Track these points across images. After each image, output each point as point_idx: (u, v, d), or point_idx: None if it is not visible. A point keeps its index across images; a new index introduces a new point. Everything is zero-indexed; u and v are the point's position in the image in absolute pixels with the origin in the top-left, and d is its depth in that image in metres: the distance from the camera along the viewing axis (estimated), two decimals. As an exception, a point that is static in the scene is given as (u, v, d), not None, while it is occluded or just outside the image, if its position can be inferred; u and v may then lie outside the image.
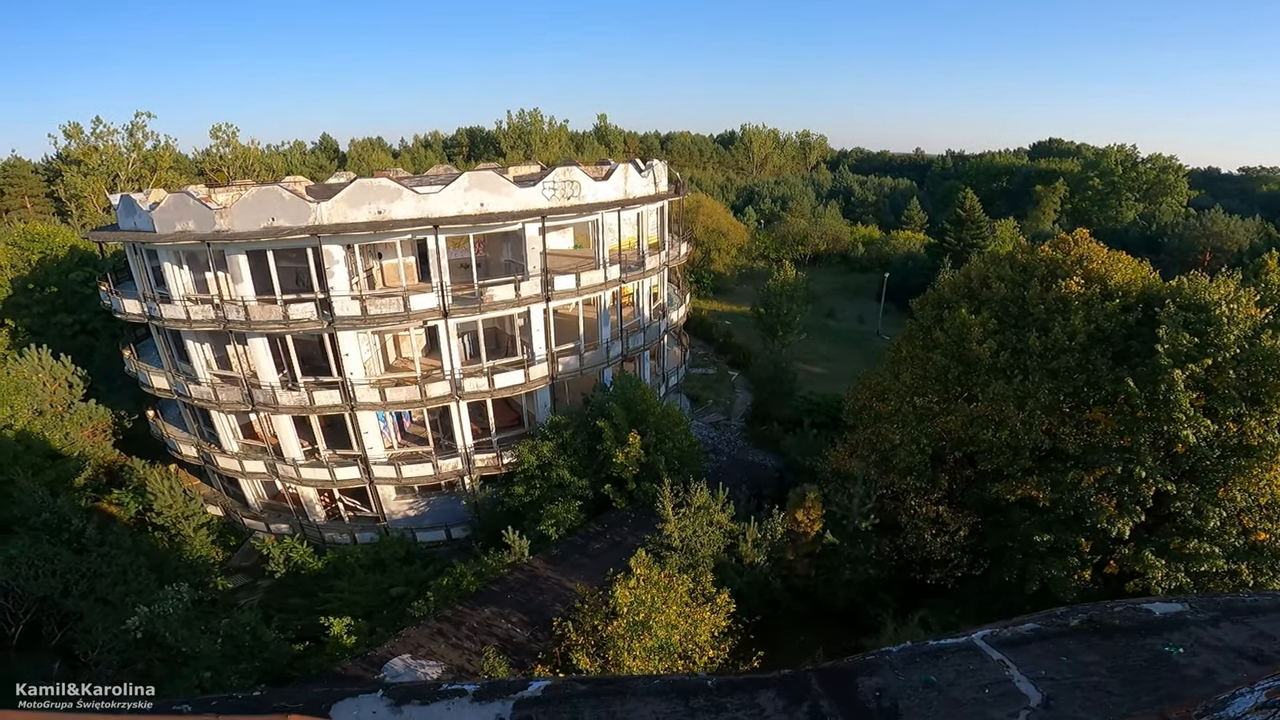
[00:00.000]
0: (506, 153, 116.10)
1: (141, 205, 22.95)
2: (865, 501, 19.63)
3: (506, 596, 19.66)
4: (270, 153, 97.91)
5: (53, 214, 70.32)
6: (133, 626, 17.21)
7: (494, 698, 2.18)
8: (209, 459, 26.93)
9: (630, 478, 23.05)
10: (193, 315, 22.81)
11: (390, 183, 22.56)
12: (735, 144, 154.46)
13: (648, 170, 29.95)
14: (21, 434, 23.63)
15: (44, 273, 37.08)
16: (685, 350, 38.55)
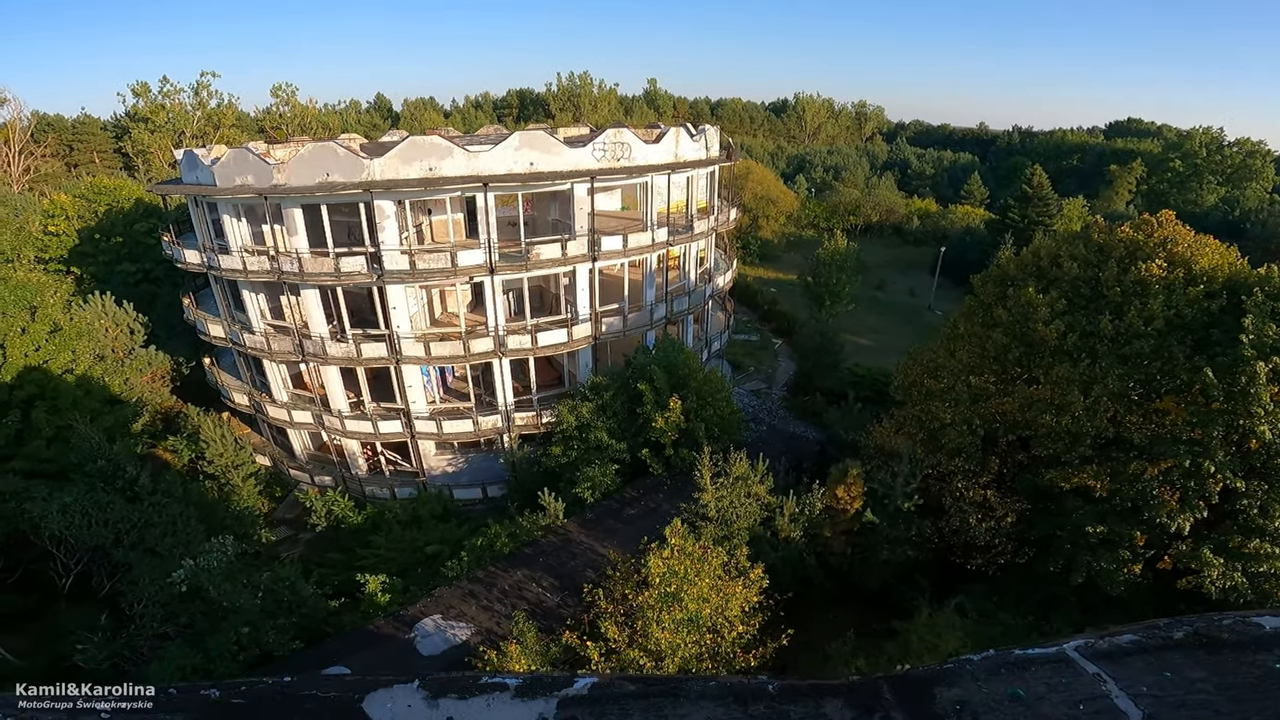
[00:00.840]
0: (555, 115, 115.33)
1: (204, 160, 23.45)
2: (909, 481, 19.08)
3: (539, 560, 19.75)
4: (327, 111, 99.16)
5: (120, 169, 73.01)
6: (178, 579, 17.48)
7: (536, 694, 1.99)
8: (260, 408, 27.84)
9: (669, 443, 22.83)
10: (249, 266, 23.37)
11: (441, 140, 22.50)
12: (787, 112, 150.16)
13: (699, 134, 29.33)
14: (82, 379, 24.11)
15: (110, 223, 38.50)
16: (729, 316, 38.03)
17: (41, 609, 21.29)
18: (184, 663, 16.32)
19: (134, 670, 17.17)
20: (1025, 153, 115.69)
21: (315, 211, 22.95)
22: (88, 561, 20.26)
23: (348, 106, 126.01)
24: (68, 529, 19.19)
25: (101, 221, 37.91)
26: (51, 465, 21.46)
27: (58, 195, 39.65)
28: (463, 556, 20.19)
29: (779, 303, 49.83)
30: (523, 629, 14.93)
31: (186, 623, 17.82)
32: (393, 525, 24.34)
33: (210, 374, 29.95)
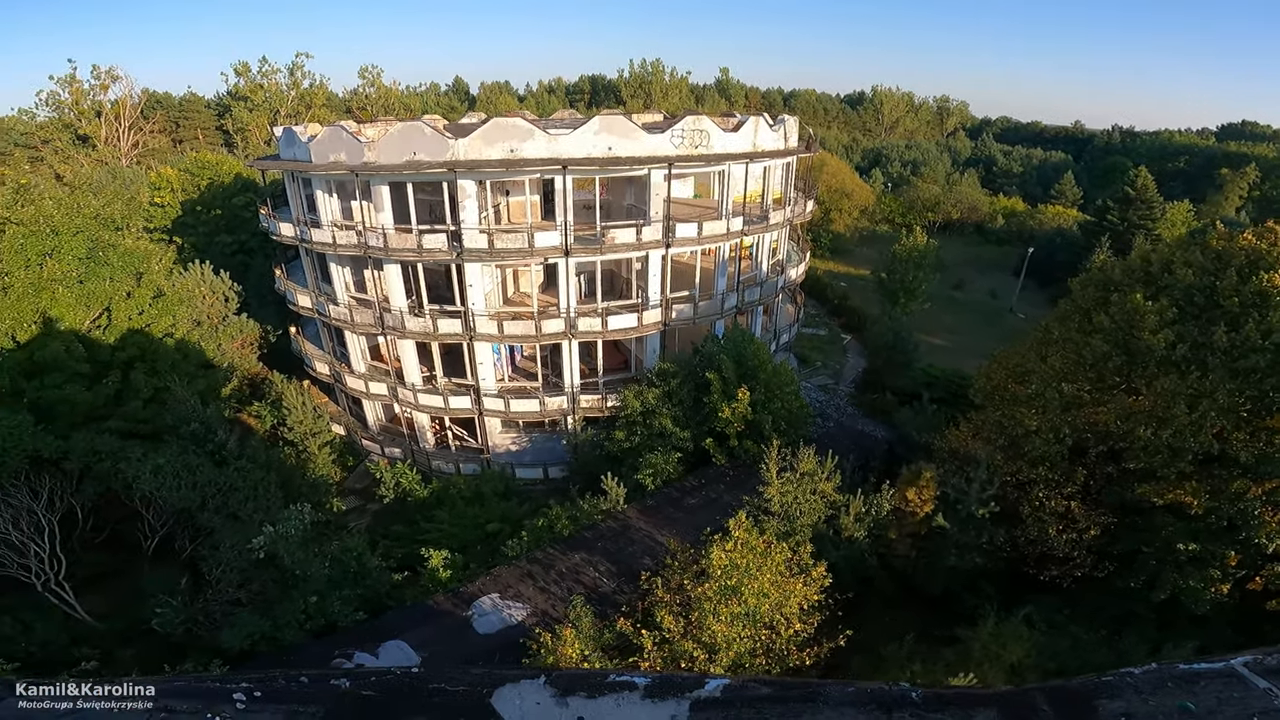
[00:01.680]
0: (626, 101, 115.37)
1: (301, 137, 24.46)
2: (986, 488, 18.31)
3: (597, 544, 19.79)
4: (409, 93, 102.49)
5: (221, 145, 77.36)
6: (257, 545, 17.72)
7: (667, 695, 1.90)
8: (339, 377, 29.00)
9: (734, 434, 22.61)
10: (338, 240, 24.32)
11: (524, 122, 22.77)
12: (864, 105, 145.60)
13: (778, 125, 28.80)
14: (180, 343, 25.05)
15: (210, 197, 40.81)
16: (799, 309, 37.39)
17: (124, 569, 21.82)
18: (254, 629, 16.74)
19: (207, 635, 17.65)
20: (1126, 153, 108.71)
21: (401, 189, 23.67)
22: (173, 524, 20.64)
23: (427, 89, 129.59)
24: (158, 490, 19.47)
25: (203, 195, 40.23)
26: (146, 426, 22.27)
27: (164, 169, 42.29)
28: (523, 536, 20.42)
29: (850, 298, 48.88)
30: (579, 613, 14.96)
31: (259, 589, 18.26)
32: (456, 501, 24.82)
33: (295, 343, 31.41)
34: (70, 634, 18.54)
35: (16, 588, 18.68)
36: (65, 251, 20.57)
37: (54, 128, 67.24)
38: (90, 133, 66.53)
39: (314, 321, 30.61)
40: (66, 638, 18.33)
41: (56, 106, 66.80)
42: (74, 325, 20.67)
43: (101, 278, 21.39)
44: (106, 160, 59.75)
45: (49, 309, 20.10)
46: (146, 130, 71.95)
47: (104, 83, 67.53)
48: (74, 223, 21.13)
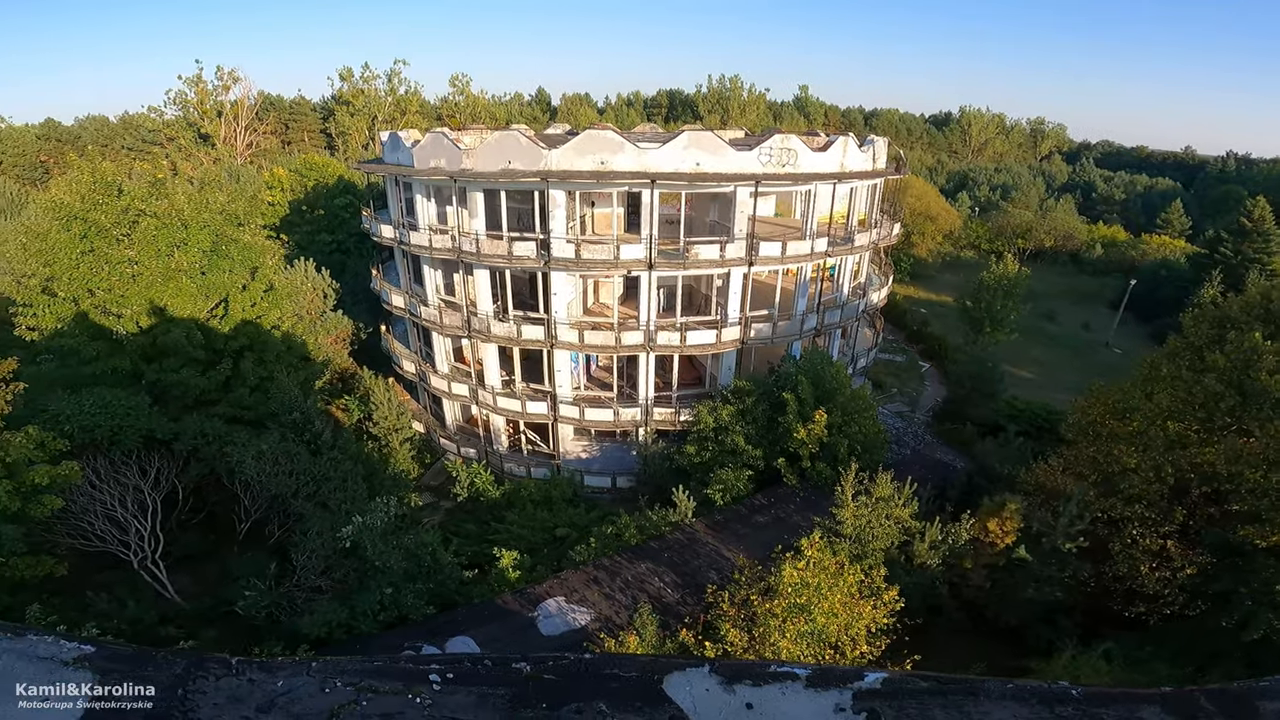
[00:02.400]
0: (704, 116, 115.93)
1: (405, 142, 25.76)
2: (1076, 523, 17.86)
3: (664, 555, 19.95)
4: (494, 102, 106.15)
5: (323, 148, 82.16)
6: (345, 535, 18.10)
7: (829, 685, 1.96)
8: (424, 376, 30.13)
9: (807, 455, 22.48)
10: (434, 243, 25.36)
11: (614, 135, 23.24)
12: (950, 126, 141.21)
13: (867, 145, 28.46)
14: (286, 335, 25.83)
15: (315, 197, 43.43)
16: (878, 334, 36.50)
17: (213, 552, 22.55)
18: (332, 617, 17.20)
19: (287, 621, 18.06)
20: (1241, 181, 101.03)
21: (494, 196, 24.55)
22: (265, 509, 21.11)
23: (511, 98, 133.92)
24: (259, 475, 20.11)
25: (308, 195, 42.87)
26: (250, 413, 23.28)
27: (276, 169, 45.32)
28: (591, 543, 20.70)
29: (930, 324, 47.68)
30: (644, 621, 15.17)
31: (341, 578, 18.70)
32: (526, 504, 25.34)
33: (385, 341, 32.88)
34: (159, 612, 19.34)
35: (114, 564, 19.61)
36: (192, 244, 22.27)
37: (179, 126, 72.89)
38: (210, 131, 71.79)
39: (403, 321, 31.99)
40: (155, 616, 19.11)
41: (183, 105, 72.43)
42: (194, 314, 22.34)
43: (222, 270, 23.05)
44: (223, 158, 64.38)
45: (173, 297, 21.82)
46: (260, 131, 77.09)
47: (226, 84, 72.87)
48: (202, 217, 22.78)
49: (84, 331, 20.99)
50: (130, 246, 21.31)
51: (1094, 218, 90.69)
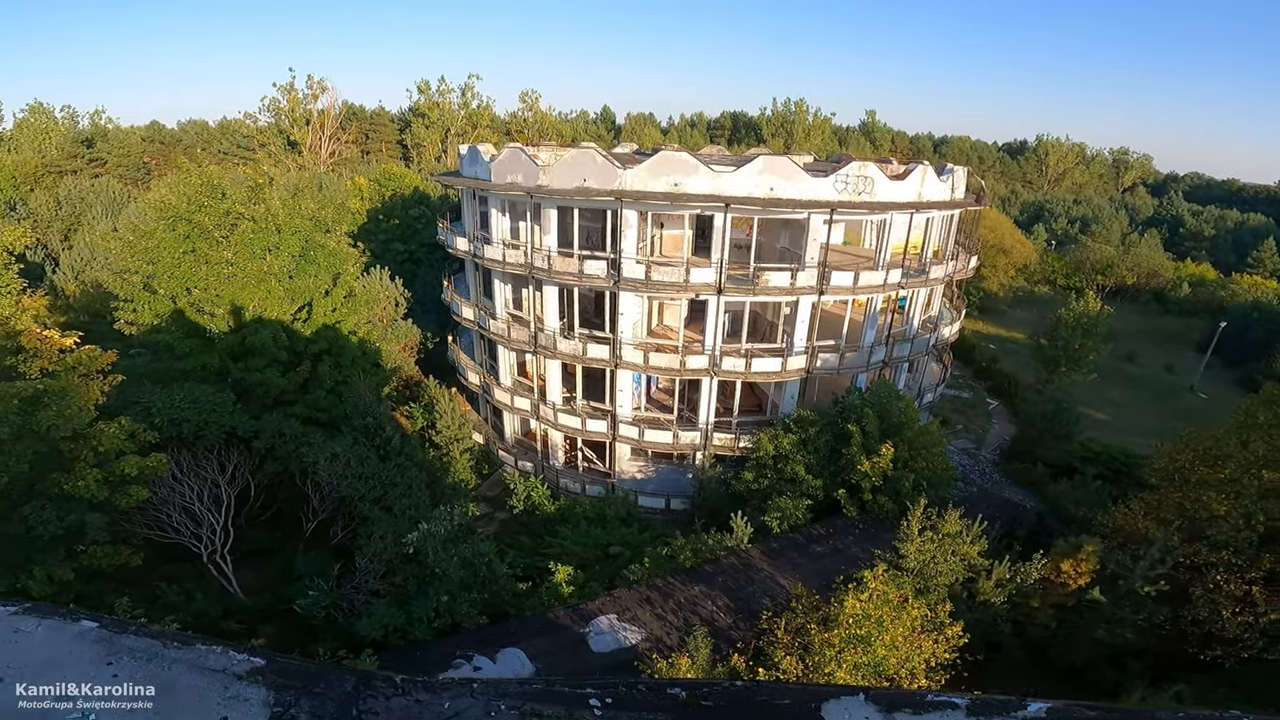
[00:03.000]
0: (767, 140, 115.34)
1: (484, 156, 26.46)
2: (1157, 567, 17.87)
3: (718, 579, 19.81)
4: (560, 119, 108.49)
5: (399, 159, 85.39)
6: (410, 541, 18.24)
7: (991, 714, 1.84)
8: (488, 389, 30.61)
9: (869, 488, 22.20)
10: (507, 258, 25.91)
11: (689, 158, 23.34)
12: (1025, 155, 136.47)
13: (946, 175, 27.81)
14: (362, 341, 26.40)
15: (391, 207, 45.04)
16: (945, 370, 35.38)
17: (276, 549, 22.95)
18: (389, 621, 17.36)
19: (345, 622, 18.29)
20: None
21: (567, 213, 24.94)
22: (332, 510, 21.45)
23: (577, 116, 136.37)
24: (332, 477, 20.50)
25: (385, 204, 44.48)
26: (324, 415, 23.86)
27: (358, 178, 47.27)
28: (644, 562, 20.69)
29: (999, 361, 46.28)
30: (699, 644, 15.12)
31: (400, 583, 18.91)
32: (580, 520, 25.47)
33: (451, 352, 33.62)
34: (223, 606, 19.88)
35: (181, 557, 20.24)
36: (284, 248, 23.28)
37: (270, 132, 76.88)
38: (298, 139, 75.51)
39: (469, 333, 32.72)
40: (220, 609, 19.65)
41: (276, 112, 76.43)
42: (280, 316, 23.35)
43: (308, 275, 24.03)
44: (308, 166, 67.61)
45: (264, 300, 22.87)
46: (342, 140, 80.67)
47: (315, 92, 76.63)
48: (293, 223, 23.81)
49: (179, 328, 22.16)
50: (228, 248, 22.42)
51: (1180, 254, 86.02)
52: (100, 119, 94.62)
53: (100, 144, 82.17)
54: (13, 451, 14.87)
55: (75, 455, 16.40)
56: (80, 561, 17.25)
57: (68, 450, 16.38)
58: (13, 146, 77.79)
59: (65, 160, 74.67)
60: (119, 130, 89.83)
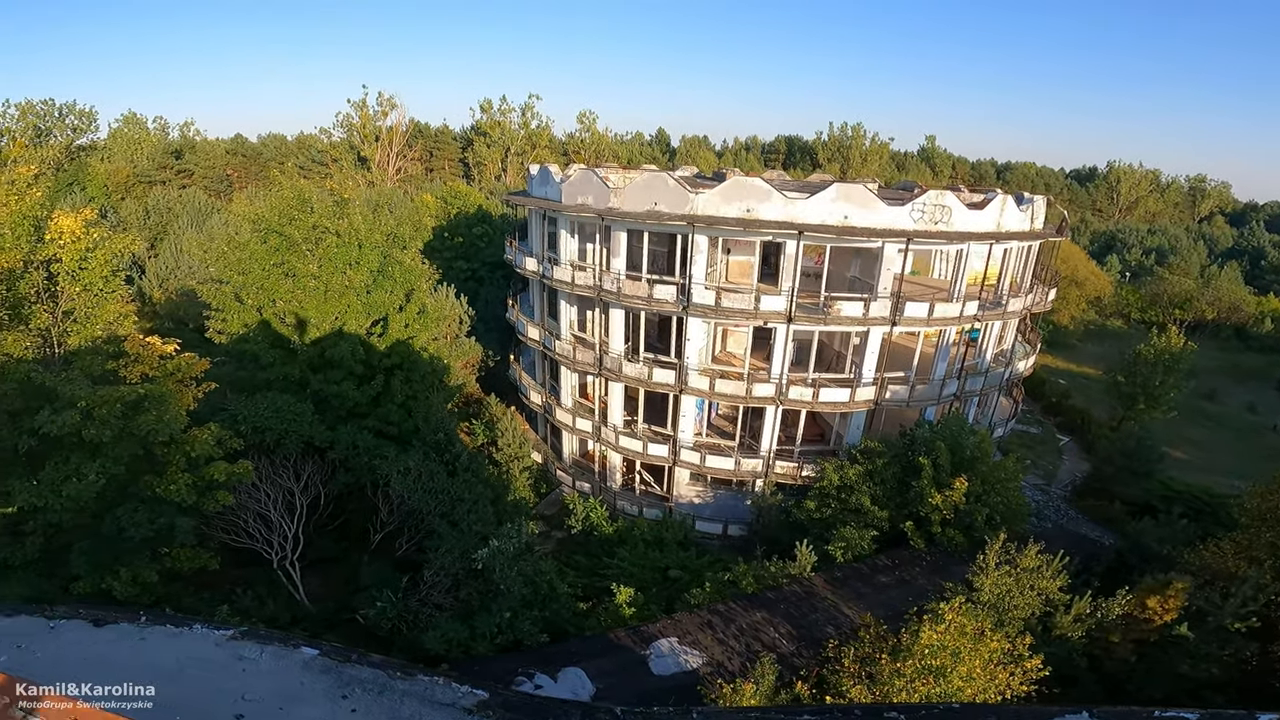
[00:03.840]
0: (823, 164, 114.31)
1: (554, 177, 26.86)
2: (1248, 604, 17.77)
3: (780, 606, 19.76)
4: (616, 141, 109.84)
5: (460, 177, 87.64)
6: (479, 557, 18.45)
7: None
8: (550, 409, 30.77)
9: (938, 521, 21.96)
10: (576, 280, 26.14)
11: (762, 184, 23.22)
12: (1095, 182, 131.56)
13: (1026, 205, 27.05)
14: (432, 357, 26.53)
15: (455, 224, 46.10)
16: (1016, 404, 34.17)
17: (341, 558, 23.31)
18: (454, 636, 17.60)
19: (409, 634, 18.68)
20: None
21: (637, 236, 25.05)
22: (399, 522, 21.80)
23: (632, 137, 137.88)
24: (405, 490, 21.02)
25: (450, 222, 45.57)
26: (394, 429, 24.17)
27: (426, 196, 48.60)
28: (705, 587, 20.67)
29: (1071, 396, 45.03)
30: (764, 671, 15.09)
31: (464, 597, 19.11)
32: (638, 542, 25.35)
33: (513, 371, 33.95)
34: (291, 613, 20.24)
35: (250, 562, 20.69)
36: (363, 263, 23.94)
37: (342, 148, 79.89)
38: (368, 155, 78.28)
39: (530, 352, 33.11)
40: (289, 616, 19.99)
41: (348, 128, 79.44)
42: (357, 330, 24.01)
43: (384, 290, 24.68)
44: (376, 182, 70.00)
45: (344, 313, 23.57)
46: (408, 157, 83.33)
47: (384, 109, 79.46)
48: (373, 238, 24.51)
49: (264, 338, 22.99)
50: (313, 262, 23.21)
51: (1263, 288, 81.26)
52: (189, 131, 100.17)
53: (188, 155, 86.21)
54: (112, 454, 15.57)
55: (167, 459, 17.10)
56: (163, 564, 17.93)
57: (161, 454, 17.09)
58: (106, 155, 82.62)
59: (155, 170, 78.57)
60: (205, 143, 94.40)
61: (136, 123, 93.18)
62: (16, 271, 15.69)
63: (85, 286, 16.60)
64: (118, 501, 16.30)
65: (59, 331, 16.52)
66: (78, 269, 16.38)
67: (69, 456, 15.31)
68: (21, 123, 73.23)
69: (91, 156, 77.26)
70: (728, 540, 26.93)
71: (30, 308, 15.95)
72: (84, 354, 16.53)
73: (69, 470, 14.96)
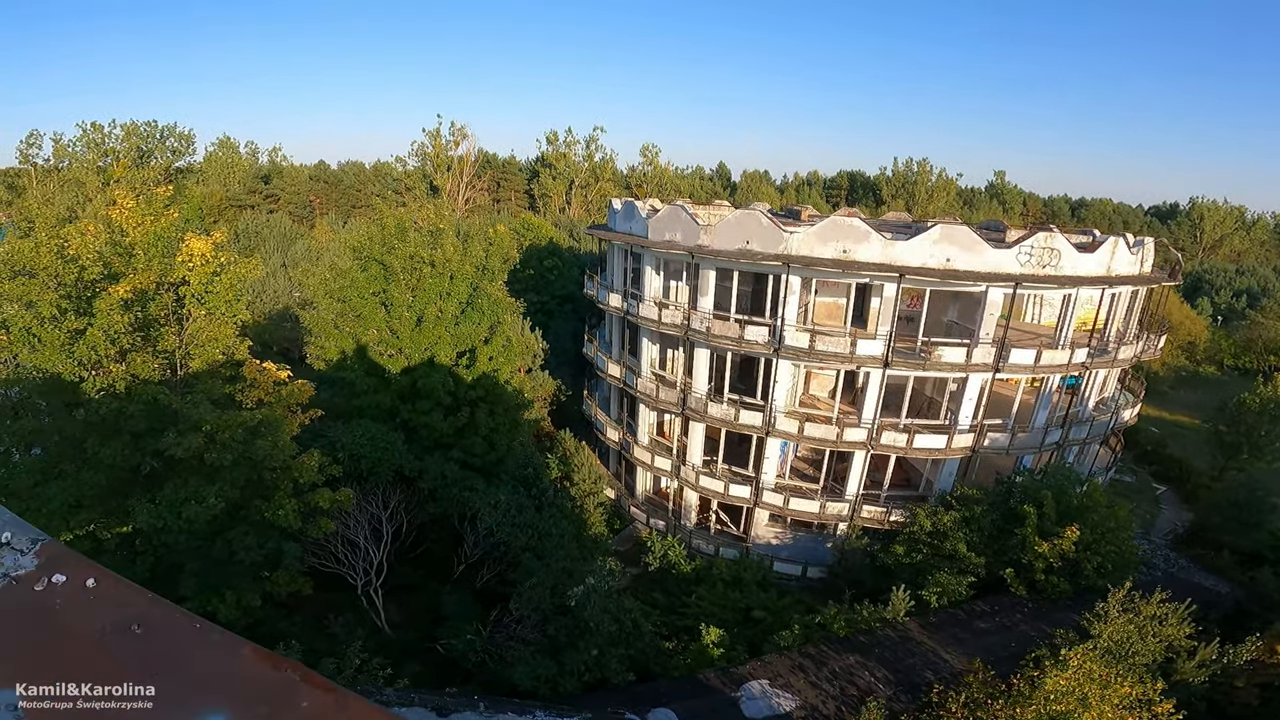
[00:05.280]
0: (887, 201, 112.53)
1: (641, 212, 26.90)
2: None
3: (874, 650, 19.53)
4: (678, 175, 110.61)
5: (525, 207, 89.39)
6: (574, 594, 18.41)
7: None
8: (626, 446, 30.37)
9: (1041, 568, 21.60)
10: (663, 318, 25.90)
11: (860, 224, 22.70)
12: (1177, 219, 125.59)
13: (1137, 247, 25.71)
14: (516, 390, 26.65)
15: (526, 257, 46.69)
16: (1116, 453, 32.48)
17: (423, 585, 23.33)
18: (542, 672, 17.53)
19: (493, 666, 18.56)
20: None
21: (725, 275, 24.76)
22: (483, 554, 21.89)
23: (693, 171, 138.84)
24: (496, 523, 21.18)
25: (522, 254, 46.19)
26: (477, 461, 24.18)
27: (499, 227, 49.49)
28: (794, 629, 20.45)
29: (1166, 445, 42.81)
30: (873, 715, 14.98)
31: (552, 634, 19.01)
32: (716, 582, 24.79)
33: (587, 405, 33.68)
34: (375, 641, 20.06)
35: (335, 586, 20.75)
36: (454, 294, 24.36)
37: (415, 176, 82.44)
38: (440, 184, 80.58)
39: (602, 386, 32.95)
40: (374, 644, 19.67)
41: (422, 156, 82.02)
42: (446, 361, 24.28)
43: (473, 321, 24.93)
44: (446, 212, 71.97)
45: (435, 344, 23.90)
46: (477, 187, 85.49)
47: (456, 139, 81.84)
48: (464, 269, 24.89)
49: (360, 366, 23.47)
50: (408, 292, 23.66)
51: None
52: (277, 156, 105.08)
53: (275, 180, 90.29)
54: (229, 478, 15.90)
55: (276, 485, 17.38)
56: (264, 588, 18.15)
57: (270, 479, 17.39)
58: (201, 178, 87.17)
59: (245, 195, 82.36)
60: (291, 168, 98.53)
61: (230, 147, 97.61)
62: (149, 292, 16.17)
63: (209, 310, 17.04)
64: (228, 525, 16.57)
65: (182, 354, 16.98)
66: (204, 292, 16.85)
67: (188, 479, 15.67)
68: (126, 143, 76.50)
69: (188, 179, 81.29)
70: (806, 582, 26.21)
71: (159, 330, 16.46)
72: (204, 377, 16.99)
73: (188, 492, 15.28)
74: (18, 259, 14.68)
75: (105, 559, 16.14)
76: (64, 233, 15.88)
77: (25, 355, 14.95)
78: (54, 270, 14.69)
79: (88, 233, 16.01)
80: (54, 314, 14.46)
